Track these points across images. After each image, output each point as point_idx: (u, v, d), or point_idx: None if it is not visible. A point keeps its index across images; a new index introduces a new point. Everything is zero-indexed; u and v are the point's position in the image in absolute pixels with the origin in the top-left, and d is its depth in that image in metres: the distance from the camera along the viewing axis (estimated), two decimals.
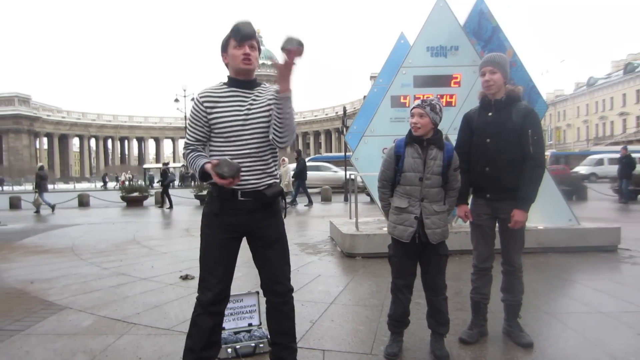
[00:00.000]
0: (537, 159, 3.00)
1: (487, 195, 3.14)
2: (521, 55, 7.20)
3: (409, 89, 6.85)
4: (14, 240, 8.68)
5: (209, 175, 2.20)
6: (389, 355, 2.94)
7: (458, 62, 6.76)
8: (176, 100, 41.69)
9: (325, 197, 17.96)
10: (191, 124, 2.37)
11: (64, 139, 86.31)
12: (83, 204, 19.04)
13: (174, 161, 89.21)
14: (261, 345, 3.03)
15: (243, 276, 4.75)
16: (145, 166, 60.57)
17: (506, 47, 7.11)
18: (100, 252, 7.14)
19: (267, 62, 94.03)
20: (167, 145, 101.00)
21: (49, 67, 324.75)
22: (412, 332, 3.21)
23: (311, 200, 15.35)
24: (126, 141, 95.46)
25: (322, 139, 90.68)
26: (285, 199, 2.58)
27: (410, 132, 2.92)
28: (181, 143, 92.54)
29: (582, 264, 5.67)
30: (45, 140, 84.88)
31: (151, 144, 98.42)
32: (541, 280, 4.83)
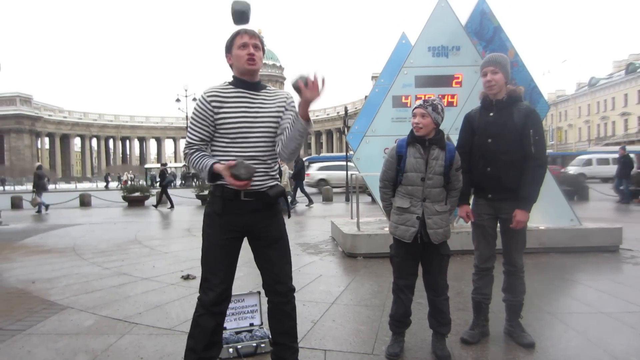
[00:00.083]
0: (539, 159, 3.00)
1: (489, 196, 3.14)
2: (523, 55, 7.23)
3: (410, 89, 6.85)
4: (16, 240, 8.70)
5: (218, 176, 2.19)
6: (390, 355, 2.94)
7: (459, 62, 6.76)
8: (177, 100, 41.76)
9: (327, 197, 17.97)
10: (196, 123, 2.32)
11: (65, 139, 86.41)
12: (84, 203, 19.07)
13: (175, 161, 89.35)
14: (262, 345, 3.04)
15: (244, 276, 4.76)
16: (146, 166, 60.57)
17: (508, 47, 7.11)
18: (102, 251, 7.15)
19: (268, 62, 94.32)
20: (168, 145, 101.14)
21: (51, 67, 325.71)
22: (413, 332, 3.21)
23: (311, 200, 15.36)
24: (127, 141, 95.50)
25: (324, 138, 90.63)
26: (287, 199, 2.58)
27: (412, 132, 2.92)
28: (182, 143, 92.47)
29: (584, 264, 5.67)
30: (46, 140, 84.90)
31: (152, 144, 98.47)
32: (543, 280, 4.82)
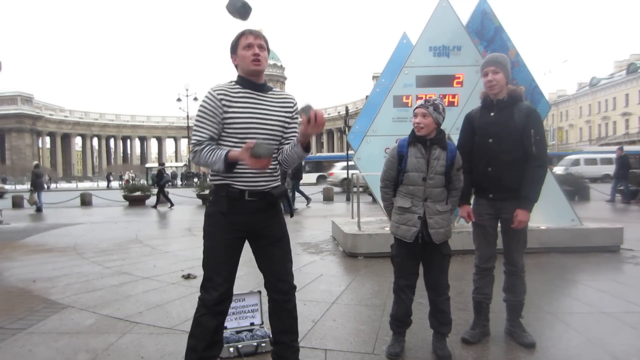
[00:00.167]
0: (540, 158, 3.00)
1: (490, 195, 3.13)
2: (524, 55, 7.22)
3: (411, 88, 6.85)
4: (17, 239, 8.71)
5: (233, 164, 2.19)
6: (391, 355, 2.94)
7: (460, 62, 6.76)
8: (179, 100, 41.75)
9: (327, 197, 17.97)
10: (204, 119, 2.27)
11: (66, 138, 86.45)
12: (85, 203, 19.11)
13: (176, 160, 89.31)
14: (263, 345, 3.04)
15: (245, 276, 4.75)
16: (147, 165, 60.57)
17: (509, 47, 7.11)
18: (103, 251, 7.16)
19: (270, 61, 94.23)
20: (169, 144, 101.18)
21: (52, 66, 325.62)
22: (414, 331, 3.21)
23: (308, 198, 15.42)
24: (128, 140, 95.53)
25: (324, 138, 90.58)
26: (289, 199, 2.60)
27: (413, 132, 2.92)
28: (183, 142, 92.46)
29: (585, 264, 5.66)
30: (47, 139, 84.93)
31: (153, 144, 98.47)
32: (543, 280, 4.82)
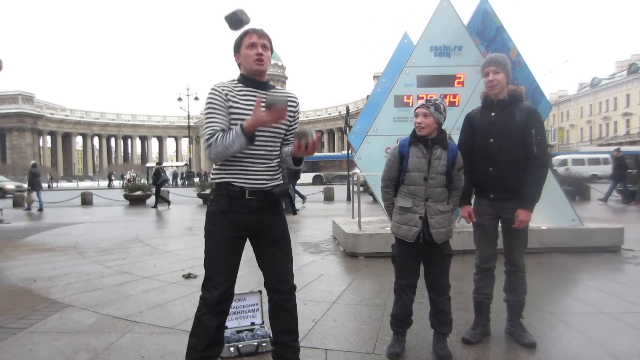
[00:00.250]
0: (541, 158, 3.00)
1: (491, 196, 3.13)
2: (525, 55, 7.22)
3: (412, 88, 6.85)
4: (17, 238, 8.71)
5: (253, 134, 2.18)
6: (391, 354, 2.94)
7: (461, 62, 6.76)
8: (179, 100, 41.78)
9: (328, 197, 17.97)
10: (214, 113, 2.26)
11: (67, 137, 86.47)
12: (86, 202, 19.12)
13: (176, 160, 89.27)
14: (264, 344, 3.04)
15: (245, 275, 4.75)
16: (148, 165, 60.52)
17: (510, 47, 7.11)
18: (103, 250, 7.16)
19: (271, 61, 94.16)
20: (170, 144, 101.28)
21: (53, 65, 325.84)
22: (414, 331, 3.21)
23: (304, 197, 15.48)
24: (129, 140, 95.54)
25: (325, 138, 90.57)
26: (292, 197, 2.59)
27: (414, 132, 2.92)
28: (184, 142, 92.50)
29: (585, 265, 5.66)
30: (48, 138, 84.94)
31: (154, 143, 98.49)
32: (544, 280, 4.82)
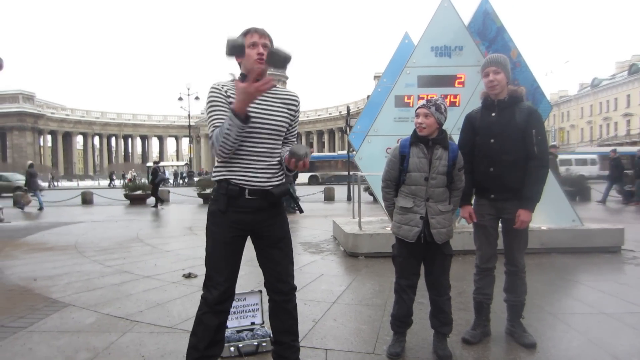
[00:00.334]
0: (542, 158, 3.00)
1: (491, 196, 3.13)
2: (525, 55, 7.21)
3: (412, 88, 6.85)
4: (18, 238, 8.72)
5: (245, 113, 2.16)
6: (391, 355, 2.94)
7: (462, 62, 6.76)
8: (180, 99, 41.78)
9: (328, 197, 17.96)
10: (215, 110, 2.26)
11: (67, 137, 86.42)
12: (86, 201, 19.13)
13: (177, 159, 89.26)
14: (264, 344, 3.04)
15: (246, 275, 4.74)
16: (148, 164, 60.50)
17: (511, 48, 7.11)
18: (104, 249, 7.16)
19: None
20: (170, 143, 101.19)
21: (54, 64, 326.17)
22: (415, 331, 3.21)
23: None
24: (130, 139, 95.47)
25: (326, 138, 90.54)
26: (295, 197, 2.57)
27: (415, 132, 2.92)
28: (185, 141, 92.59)
29: (586, 265, 5.66)
30: (49, 137, 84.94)
31: (155, 142, 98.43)
32: (544, 280, 4.82)
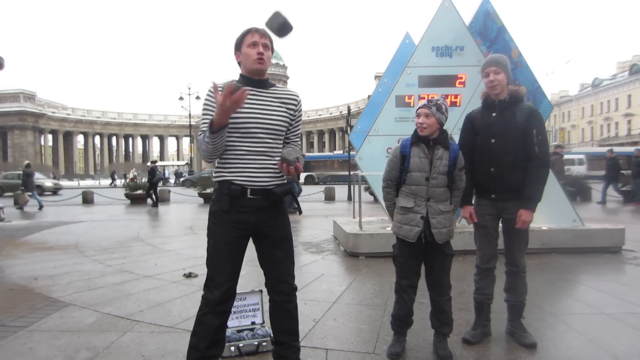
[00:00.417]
0: (543, 158, 3.00)
1: (492, 196, 3.13)
2: (526, 56, 7.20)
3: (413, 88, 6.85)
4: (18, 237, 8.73)
5: (220, 124, 2.14)
6: (392, 354, 2.94)
7: (463, 62, 6.75)
8: (181, 99, 41.81)
9: (329, 197, 17.96)
10: (206, 113, 2.29)
11: (68, 136, 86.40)
12: (87, 201, 19.13)
13: (177, 159, 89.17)
14: (264, 344, 3.04)
15: (246, 274, 4.71)
16: (149, 164, 60.39)
17: (511, 48, 7.10)
18: (104, 249, 7.17)
19: (272, 60, 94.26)
20: (171, 143, 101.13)
21: (55, 64, 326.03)
22: (415, 331, 3.21)
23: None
24: (130, 139, 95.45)
25: (326, 138, 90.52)
26: (296, 198, 2.56)
27: (416, 132, 2.92)
28: (185, 141, 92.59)
29: (586, 265, 5.66)
30: (50, 137, 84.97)
31: (155, 142, 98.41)
32: (545, 280, 4.82)
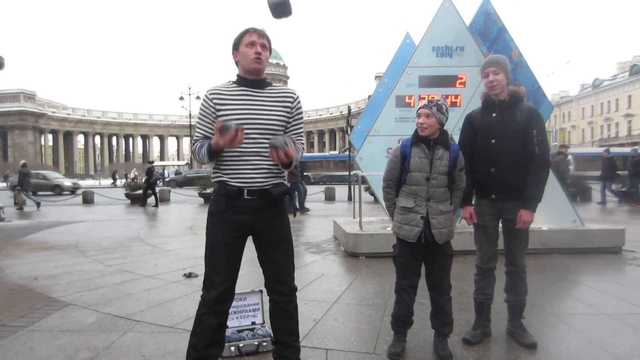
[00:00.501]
0: (543, 159, 3.00)
1: (492, 196, 3.13)
2: (527, 56, 7.21)
3: (414, 89, 6.84)
4: (18, 237, 8.73)
5: (217, 151, 2.21)
6: (392, 355, 2.94)
7: (463, 63, 6.75)
8: (181, 99, 41.77)
9: (329, 197, 17.96)
10: (200, 120, 2.39)
11: (68, 136, 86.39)
12: (87, 200, 19.12)
13: (178, 159, 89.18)
14: (264, 344, 3.04)
15: (247, 274, 4.74)
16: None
17: (512, 48, 7.10)
18: (104, 249, 7.17)
19: (272, 60, 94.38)
20: (171, 143, 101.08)
21: (55, 63, 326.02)
22: (415, 331, 3.21)
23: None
24: (131, 139, 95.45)
25: (327, 138, 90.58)
26: (293, 198, 2.57)
27: (416, 132, 2.92)
28: (186, 141, 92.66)
29: (586, 265, 5.66)
30: (50, 136, 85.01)
31: (155, 142, 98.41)
32: (545, 281, 4.82)
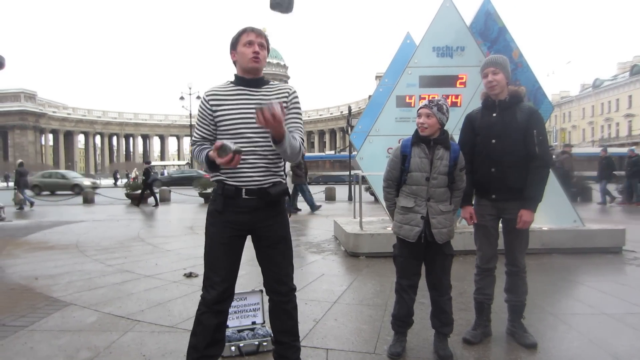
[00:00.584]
0: (543, 159, 3.01)
1: (493, 196, 3.13)
2: (527, 56, 7.19)
3: (414, 89, 6.84)
4: (19, 237, 8.73)
5: (216, 164, 2.19)
6: (392, 354, 2.94)
7: (464, 63, 6.75)
8: (181, 98, 41.80)
9: (329, 197, 17.95)
10: (198, 122, 2.41)
11: (69, 136, 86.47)
12: (87, 200, 19.12)
13: (178, 159, 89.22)
14: (265, 344, 3.04)
15: (247, 274, 4.75)
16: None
17: (512, 48, 7.09)
18: (105, 249, 7.17)
19: (273, 60, 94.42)
20: (172, 142, 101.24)
21: (55, 63, 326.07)
22: (415, 331, 3.21)
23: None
24: (131, 138, 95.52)
25: (327, 138, 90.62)
26: (291, 198, 2.58)
27: (416, 132, 2.92)
28: (186, 141, 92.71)
29: (587, 265, 5.66)
30: (50, 136, 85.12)
31: (156, 142, 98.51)
32: (545, 281, 4.82)
